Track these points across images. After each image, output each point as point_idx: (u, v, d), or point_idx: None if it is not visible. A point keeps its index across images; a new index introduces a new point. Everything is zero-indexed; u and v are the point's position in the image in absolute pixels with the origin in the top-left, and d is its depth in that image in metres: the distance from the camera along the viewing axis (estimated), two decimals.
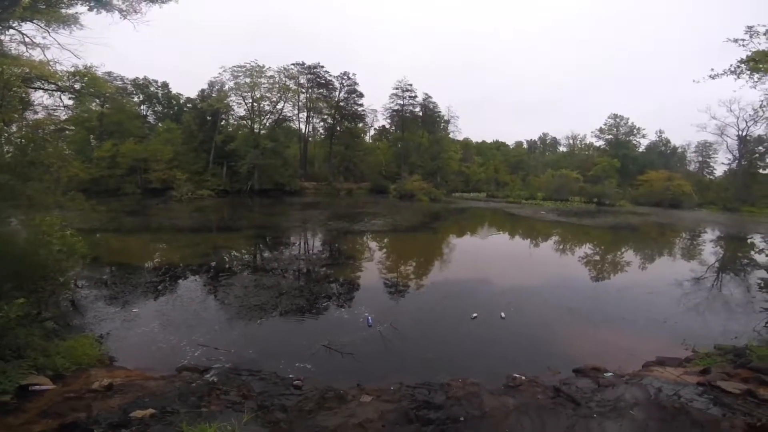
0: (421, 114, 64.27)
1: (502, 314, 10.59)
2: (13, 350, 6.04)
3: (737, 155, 62.21)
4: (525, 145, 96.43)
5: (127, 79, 53.19)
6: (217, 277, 13.80)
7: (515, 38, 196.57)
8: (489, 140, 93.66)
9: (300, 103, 57.98)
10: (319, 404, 5.66)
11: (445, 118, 67.43)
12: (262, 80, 50.92)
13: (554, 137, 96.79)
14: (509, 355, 8.37)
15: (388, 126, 69.41)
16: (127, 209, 31.68)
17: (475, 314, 10.44)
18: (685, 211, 52.63)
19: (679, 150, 79.15)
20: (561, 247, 24.62)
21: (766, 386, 5.61)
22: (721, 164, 72.08)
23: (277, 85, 51.96)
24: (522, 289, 13.47)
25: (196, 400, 5.55)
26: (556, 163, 75.16)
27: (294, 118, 59.23)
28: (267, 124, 53.20)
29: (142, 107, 56.87)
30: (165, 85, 58.90)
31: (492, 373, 7.11)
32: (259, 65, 50.76)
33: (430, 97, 64.04)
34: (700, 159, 77.55)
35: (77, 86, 9.30)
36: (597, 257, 21.60)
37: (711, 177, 73.64)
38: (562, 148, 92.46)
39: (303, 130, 61.87)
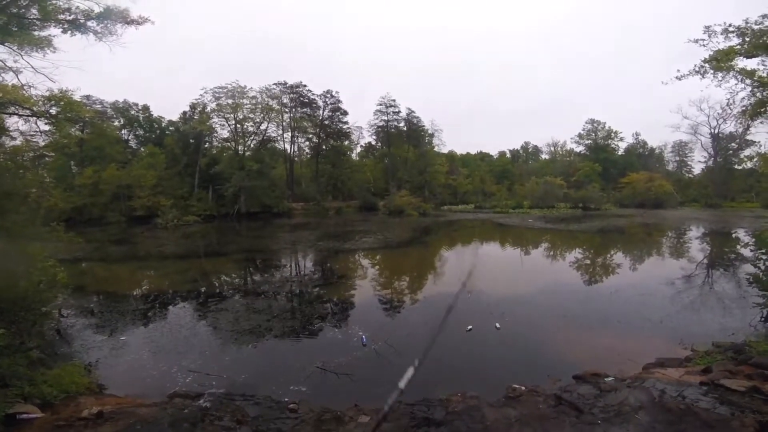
0: (405, 129, 64.91)
1: (497, 325, 10.49)
2: None
3: (712, 153, 64.36)
4: (508, 155, 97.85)
5: (107, 102, 52.42)
6: (207, 303, 13.46)
7: (493, 52, 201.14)
8: (473, 152, 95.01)
9: (284, 123, 58.18)
10: (316, 427, 5.45)
11: (429, 131, 68.26)
12: (245, 101, 50.98)
13: (536, 145, 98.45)
14: (507, 365, 8.24)
15: (374, 142, 69.96)
16: (112, 238, 31.00)
17: (470, 326, 10.31)
18: (669, 210, 53.72)
19: (657, 151, 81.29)
20: (551, 253, 24.76)
21: None
22: (698, 162, 74.20)
23: (260, 106, 52.08)
24: (515, 298, 13.41)
25: (189, 426, 5.32)
26: (539, 170, 76.36)
27: (278, 138, 59.33)
28: (251, 146, 53.06)
29: (123, 131, 55.92)
30: (146, 108, 58.23)
31: (491, 385, 6.96)
32: (240, 86, 50.91)
33: (413, 111, 64.85)
34: (678, 158, 79.88)
35: (53, 111, 9.10)
36: (587, 261, 21.73)
37: (690, 175, 75.71)
38: (544, 156, 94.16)
39: (288, 150, 61.97)
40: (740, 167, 61.10)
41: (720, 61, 9.09)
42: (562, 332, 10.12)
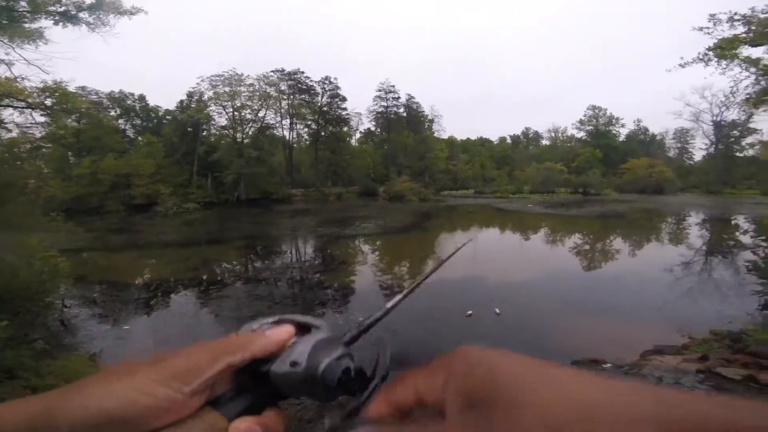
0: (405, 115, 64.46)
1: (497, 310, 10.57)
2: (3, 371, 5.94)
3: (714, 140, 64.08)
4: (509, 141, 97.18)
5: (103, 93, 51.78)
6: (209, 290, 13.55)
7: (496, 44, 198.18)
8: (473, 138, 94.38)
9: (282, 110, 57.60)
10: (319, 413, 5.54)
11: (429, 117, 67.79)
12: (242, 88, 50.52)
13: (537, 131, 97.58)
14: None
15: (373, 128, 69.47)
16: (113, 227, 31.01)
17: (470, 311, 10.41)
18: (669, 196, 53.70)
19: (658, 137, 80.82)
20: (551, 238, 24.83)
21: (766, 371, 5.64)
22: (699, 149, 73.92)
23: (258, 93, 51.56)
24: (515, 284, 13.50)
25: None
26: (540, 156, 75.88)
27: (277, 125, 58.80)
28: (250, 133, 52.71)
29: (119, 121, 55.47)
30: (142, 97, 57.71)
31: None
32: (237, 74, 50.40)
33: (413, 97, 64.38)
34: (679, 145, 79.35)
35: (48, 102, 9.01)
36: (587, 247, 21.82)
37: (691, 162, 75.41)
38: (544, 142, 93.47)
39: (287, 137, 61.50)
40: (742, 155, 61.01)
41: (724, 49, 8.98)
42: (561, 318, 10.21)
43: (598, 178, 59.33)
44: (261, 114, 53.38)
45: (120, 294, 13.28)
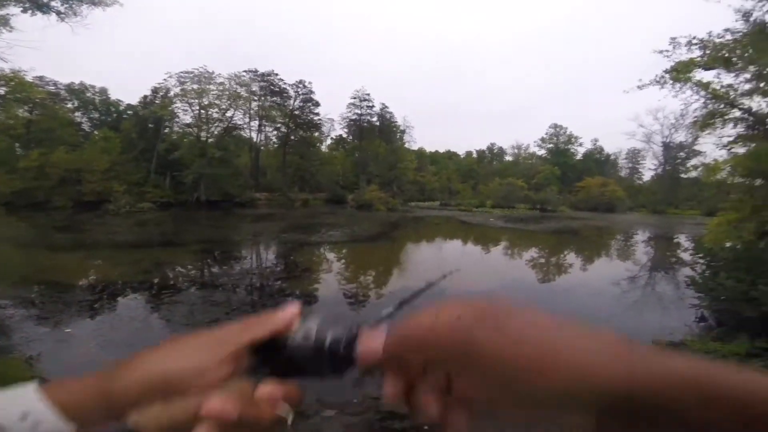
0: (378, 123, 64.89)
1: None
2: None
3: (662, 161, 68.23)
4: (474, 155, 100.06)
5: (61, 84, 48.74)
6: (161, 295, 12.90)
7: (465, 60, 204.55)
8: (441, 150, 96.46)
9: (251, 111, 56.42)
10: (281, 423, 5.41)
11: (401, 128, 68.62)
12: (211, 87, 49.16)
13: (501, 147, 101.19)
14: None
15: (345, 135, 69.42)
16: (58, 224, 28.99)
17: None
18: (619, 215, 56.91)
19: (612, 157, 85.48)
20: (510, 251, 25.63)
21: None
22: (648, 170, 78.18)
23: (227, 93, 50.30)
24: (475, 294, 13.76)
25: None
26: (503, 171, 78.55)
27: (245, 126, 57.49)
28: (215, 133, 51.18)
29: (76, 114, 52.33)
30: (103, 90, 54.78)
31: None
32: (208, 71, 49.03)
33: (386, 107, 65.01)
34: (630, 165, 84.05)
35: (1, 91, 8.38)
36: (543, 260, 22.68)
37: (640, 182, 79.94)
38: (508, 158, 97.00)
39: (255, 139, 60.20)
40: (686, 176, 65.03)
41: (680, 72, 9.53)
42: None
43: (555, 195, 61.95)
44: (229, 114, 52.08)
45: (62, 295, 12.39)
